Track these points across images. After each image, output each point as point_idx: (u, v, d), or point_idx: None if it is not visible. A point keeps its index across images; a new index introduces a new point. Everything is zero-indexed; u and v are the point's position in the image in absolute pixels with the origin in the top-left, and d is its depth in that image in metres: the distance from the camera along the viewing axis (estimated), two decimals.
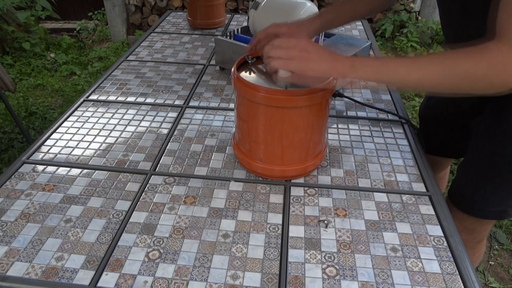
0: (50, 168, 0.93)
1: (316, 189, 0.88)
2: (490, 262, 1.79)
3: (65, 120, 1.11)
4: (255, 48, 0.99)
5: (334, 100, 1.22)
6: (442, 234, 0.77)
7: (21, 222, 0.79)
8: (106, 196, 0.85)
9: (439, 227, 0.79)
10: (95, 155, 0.97)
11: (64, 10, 4.24)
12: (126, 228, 0.78)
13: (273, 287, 0.67)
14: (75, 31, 4.25)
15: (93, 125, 1.09)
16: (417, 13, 3.79)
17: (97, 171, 0.92)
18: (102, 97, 1.23)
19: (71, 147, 1.00)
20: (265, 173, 0.89)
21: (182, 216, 0.81)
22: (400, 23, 3.71)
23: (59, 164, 0.94)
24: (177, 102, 1.21)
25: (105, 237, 0.76)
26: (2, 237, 0.76)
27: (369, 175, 0.92)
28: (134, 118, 1.12)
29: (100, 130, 1.07)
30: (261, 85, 0.80)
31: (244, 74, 0.87)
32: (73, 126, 1.09)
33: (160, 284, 0.67)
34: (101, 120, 1.11)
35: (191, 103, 1.20)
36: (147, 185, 0.88)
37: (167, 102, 1.21)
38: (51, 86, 3.24)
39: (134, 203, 0.84)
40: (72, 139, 1.03)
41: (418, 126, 1.22)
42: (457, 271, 0.70)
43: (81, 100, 1.21)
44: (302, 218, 0.81)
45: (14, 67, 3.50)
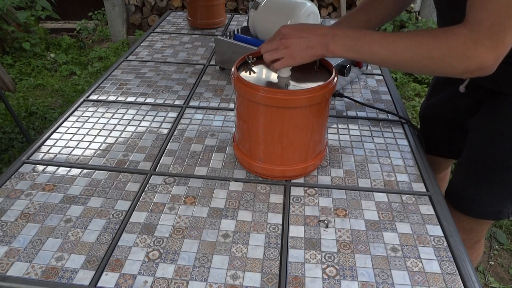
0: (50, 168, 0.93)
1: (316, 189, 0.88)
2: (490, 262, 1.79)
3: (65, 120, 1.11)
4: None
5: (334, 100, 1.22)
6: (442, 234, 0.77)
7: (21, 222, 0.79)
8: (106, 196, 0.85)
9: (439, 227, 0.79)
10: (95, 155, 0.97)
11: (64, 10, 4.24)
12: (126, 228, 0.78)
13: (273, 287, 0.67)
14: (75, 31, 4.25)
15: (93, 125, 1.09)
16: (417, 13, 3.79)
17: (97, 171, 0.92)
18: (102, 97, 1.23)
19: (71, 147, 1.00)
20: (265, 173, 0.89)
21: (182, 216, 0.81)
22: (400, 23, 3.71)
23: (59, 164, 0.94)
24: (177, 102, 1.21)
25: (105, 237, 0.76)
26: (2, 237, 0.76)
27: (369, 175, 0.92)
28: (134, 118, 1.12)
29: (100, 130, 1.07)
30: (261, 85, 0.80)
31: (244, 74, 0.87)
32: (73, 126, 1.09)
33: (160, 284, 0.67)
34: (101, 120, 1.11)
35: (191, 103, 1.20)
36: (147, 185, 0.88)
37: (167, 102, 1.21)
38: (51, 86, 3.24)
39: (134, 203, 0.84)
40: (72, 139, 1.03)
41: (419, 126, 1.22)
42: (457, 271, 0.70)
43: (81, 100, 1.21)
44: (302, 218, 0.81)
45: (14, 67, 3.50)
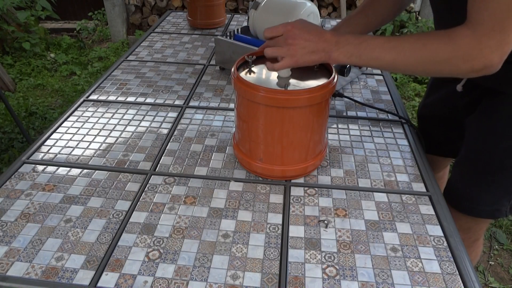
0: (50, 168, 0.93)
1: (316, 189, 0.88)
2: (490, 262, 1.79)
3: (65, 120, 1.11)
4: None
5: (334, 100, 1.22)
6: (442, 234, 0.77)
7: (21, 222, 0.79)
8: (106, 196, 0.85)
9: (439, 227, 0.79)
10: (95, 155, 0.97)
11: (64, 10, 4.24)
12: (126, 228, 0.78)
13: (273, 287, 0.67)
14: (75, 31, 4.25)
15: (93, 125, 1.09)
16: (417, 13, 3.79)
17: (97, 171, 0.92)
18: (102, 97, 1.23)
19: (71, 147, 1.00)
20: (265, 173, 0.89)
21: (182, 216, 0.81)
22: (400, 23, 3.71)
23: (59, 164, 0.94)
24: (177, 102, 1.21)
25: (105, 237, 0.76)
26: (2, 237, 0.76)
27: (369, 175, 0.92)
28: (134, 118, 1.12)
29: (100, 130, 1.07)
30: (261, 85, 0.80)
31: (244, 74, 0.87)
32: (73, 126, 1.09)
33: (160, 284, 0.67)
34: (101, 120, 1.11)
35: (191, 103, 1.20)
36: (147, 185, 0.88)
37: (167, 102, 1.21)
38: (51, 86, 3.24)
39: (134, 203, 0.84)
40: (72, 139, 1.03)
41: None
42: (457, 271, 0.70)
43: (81, 100, 1.21)
44: (302, 218, 0.81)
45: (14, 67, 3.50)
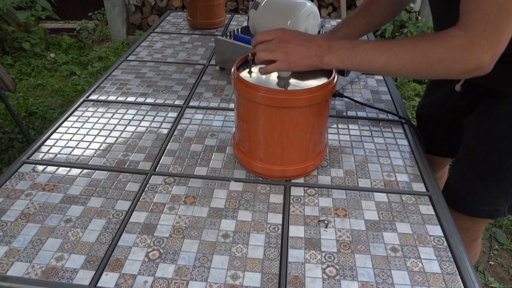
0: (50, 168, 0.93)
1: (316, 189, 0.88)
2: (490, 262, 1.79)
3: (65, 120, 1.11)
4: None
5: (334, 100, 1.22)
6: (442, 234, 0.77)
7: (21, 222, 0.79)
8: (106, 196, 0.85)
9: (439, 227, 0.79)
10: (95, 155, 0.97)
11: (64, 10, 4.24)
12: (126, 228, 0.78)
13: (273, 287, 0.67)
14: (75, 31, 4.25)
15: (93, 125, 1.09)
16: (417, 13, 3.79)
17: (97, 171, 0.92)
18: (102, 97, 1.23)
19: (71, 147, 1.00)
20: (265, 173, 0.89)
21: (182, 216, 0.81)
22: (400, 23, 3.71)
23: (59, 164, 0.94)
24: (177, 102, 1.21)
25: (105, 237, 0.76)
26: (2, 237, 0.76)
27: (369, 175, 0.92)
28: (134, 118, 1.12)
29: (100, 130, 1.07)
30: (261, 85, 0.80)
31: (244, 74, 0.87)
32: (73, 126, 1.09)
33: (160, 284, 0.67)
34: (101, 120, 1.11)
35: (191, 103, 1.20)
36: (147, 185, 0.88)
37: (167, 102, 1.21)
38: (51, 86, 3.24)
39: (134, 203, 0.84)
40: (72, 139, 1.03)
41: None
42: (457, 271, 0.70)
43: (81, 100, 1.21)
44: (302, 218, 0.81)
45: (14, 67, 3.50)
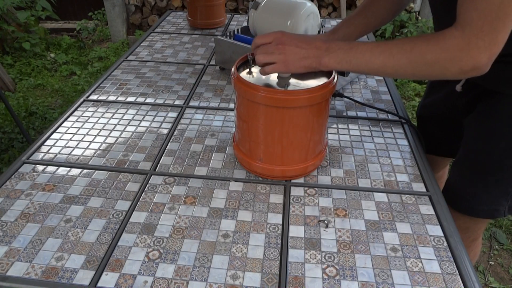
0: (50, 168, 0.93)
1: (316, 189, 0.88)
2: (490, 262, 1.79)
3: (65, 120, 1.11)
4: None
5: (334, 100, 1.22)
6: (442, 234, 0.77)
7: (21, 222, 0.79)
8: (106, 196, 0.85)
9: (439, 227, 0.79)
10: (95, 155, 0.97)
11: (64, 10, 4.24)
12: (126, 228, 0.78)
13: (273, 287, 0.67)
14: (75, 31, 4.25)
15: (93, 125, 1.09)
16: (417, 13, 3.79)
17: (97, 171, 0.92)
18: (102, 97, 1.23)
19: (71, 147, 1.00)
20: (265, 173, 0.89)
21: (182, 216, 0.81)
22: (400, 23, 3.71)
23: (59, 164, 0.94)
24: (177, 102, 1.21)
25: (105, 237, 0.76)
26: (2, 237, 0.76)
27: (369, 175, 0.92)
28: (134, 118, 1.12)
29: (100, 130, 1.07)
30: (261, 85, 0.80)
31: (244, 74, 0.87)
32: (73, 126, 1.09)
33: (160, 284, 0.67)
34: (101, 120, 1.11)
35: (191, 103, 1.20)
36: (147, 185, 0.88)
37: (167, 102, 1.21)
38: (51, 86, 3.24)
39: (134, 203, 0.84)
40: (72, 139, 1.03)
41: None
42: (457, 271, 0.70)
43: (81, 100, 1.21)
44: (302, 218, 0.81)
45: (14, 67, 3.50)
